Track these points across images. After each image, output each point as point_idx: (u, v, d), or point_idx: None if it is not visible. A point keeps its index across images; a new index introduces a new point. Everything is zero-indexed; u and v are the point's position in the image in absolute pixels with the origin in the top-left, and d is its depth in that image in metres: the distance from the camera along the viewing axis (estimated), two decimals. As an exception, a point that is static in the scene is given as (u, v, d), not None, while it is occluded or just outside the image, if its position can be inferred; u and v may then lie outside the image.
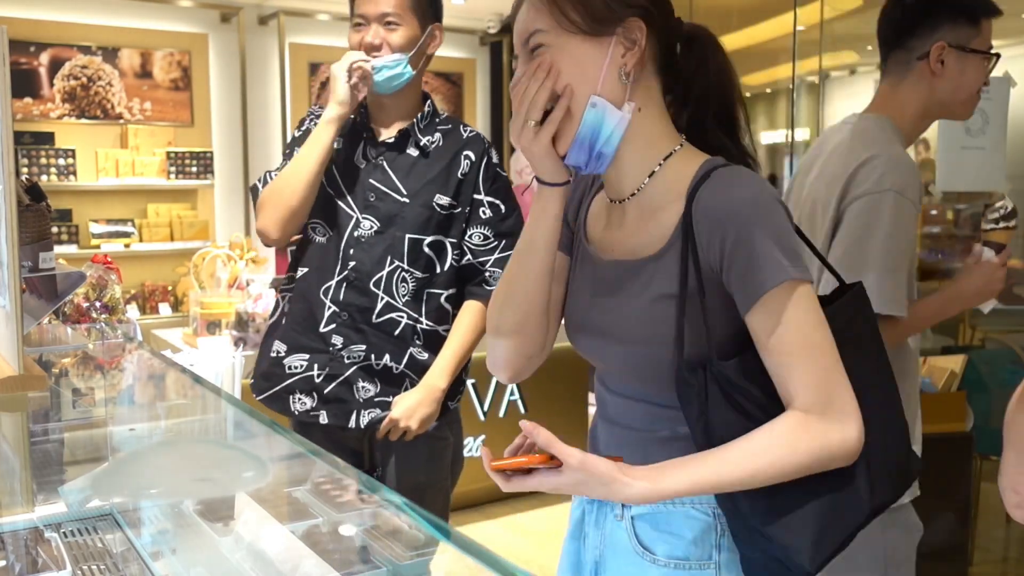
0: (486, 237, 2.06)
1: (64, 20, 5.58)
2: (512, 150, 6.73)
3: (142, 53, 5.85)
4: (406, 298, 2.02)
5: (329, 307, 2.02)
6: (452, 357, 2.03)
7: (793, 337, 1.09)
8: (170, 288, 5.85)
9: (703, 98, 1.24)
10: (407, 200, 2.02)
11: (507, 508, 4.20)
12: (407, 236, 2.01)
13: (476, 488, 4.18)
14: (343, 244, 2.03)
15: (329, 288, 2.03)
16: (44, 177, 5.37)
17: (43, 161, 5.42)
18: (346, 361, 2.02)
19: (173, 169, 5.78)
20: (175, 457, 1.54)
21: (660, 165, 1.20)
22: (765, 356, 1.12)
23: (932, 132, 3.92)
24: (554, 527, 4.03)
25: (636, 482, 1.09)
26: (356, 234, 2.02)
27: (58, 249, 4.74)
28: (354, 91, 1.99)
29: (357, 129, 2.08)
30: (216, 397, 1.85)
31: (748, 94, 2.15)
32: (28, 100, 5.53)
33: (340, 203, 2.05)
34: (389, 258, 2.00)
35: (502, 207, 2.08)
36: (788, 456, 1.09)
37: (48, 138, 5.52)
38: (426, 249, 2.02)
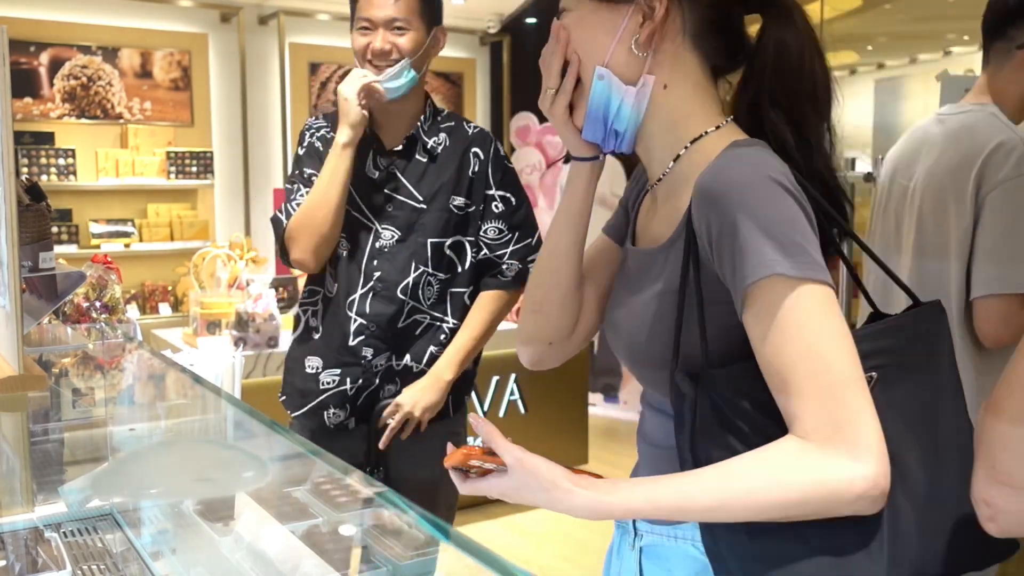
0: (500, 231, 2.08)
1: (64, 20, 5.58)
2: (513, 149, 6.72)
3: (142, 53, 5.84)
4: (431, 300, 2.05)
5: (356, 320, 2.04)
6: (461, 349, 2.05)
7: (791, 346, 0.91)
8: (170, 288, 5.85)
9: (759, 77, 1.08)
10: (424, 206, 2.03)
11: (507, 508, 4.19)
12: (429, 241, 2.02)
13: (476, 488, 4.17)
14: (366, 257, 2.04)
15: (354, 301, 2.04)
16: (44, 177, 5.37)
17: (43, 161, 5.42)
18: (375, 371, 2.05)
19: (173, 169, 5.77)
20: (175, 457, 1.54)
21: (687, 148, 1.08)
22: (762, 368, 0.94)
23: (932, 132, 3.90)
24: (554, 527, 4.02)
25: (581, 492, 0.95)
26: (378, 245, 2.04)
27: (58, 249, 4.74)
28: (363, 110, 1.98)
29: (365, 140, 2.08)
30: (216, 397, 1.85)
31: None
32: (28, 100, 5.53)
33: (358, 216, 2.06)
34: (414, 264, 2.03)
35: (513, 199, 2.09)
36: (771, 488, 0.89)
37: (48, 138, 5.52)
38: (447, 251, 2.05)
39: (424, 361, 2.05)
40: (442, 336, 2.06)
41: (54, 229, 5.01)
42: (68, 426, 1.73)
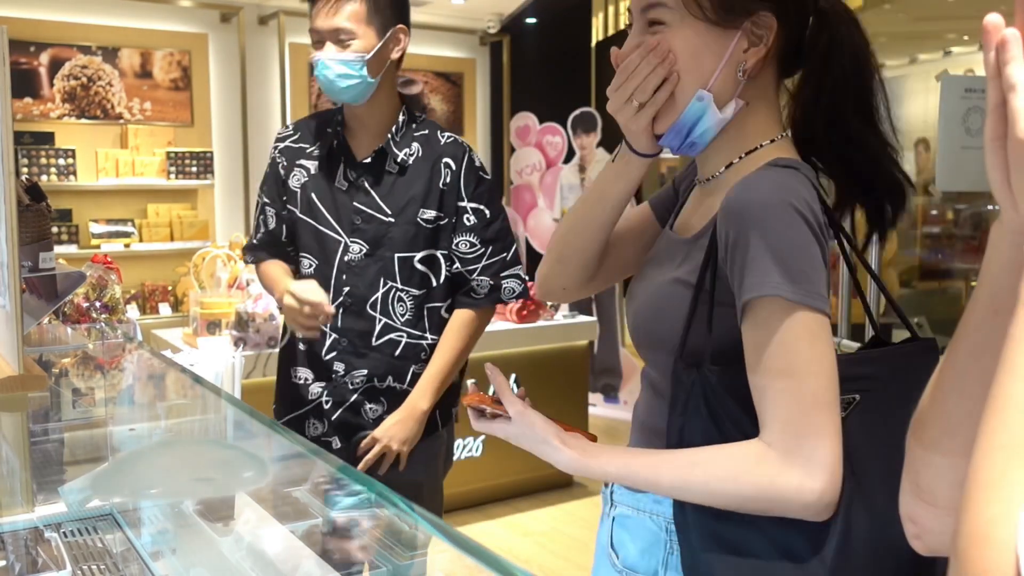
0: (472, 245, 2.03)
1: (64, 20, 5.58)
2: (512, 150, 6.72)
3: (142, 53, 5.84)
4: (405, 317, 2.01)
5: (329, 335, 2.02)
6: (436, 376, 2.01)
7: (775, 362, 0.99)
8: (170, 288, 5.85)
9: (841, 85, 1.11)
10: (392, 220, 1.99)
11: (507, 508, 4.20)
12: (396, 256, 1.98)
13: (476, 488, 4.18)
14: (334, 271, 2.01)
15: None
16: (44, 177, 5.37)
17: (43, 161, 5.42)
18: (350, 387, 2.03)
19: (173, 169, 5.77)
20: (175, 457, 1.54)
21: (741, 158, 1.13)
22: (748, 375, 1.03)
23: (932, 132, 3.90)
24: (554, 527, 4.03)
25: (566, 450, 1.07)
26: (346, 259, 2.00)
27: (58, 249, 4.74)
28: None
29: (335, 152, 2.04)
30: (216, 397, 1.85)
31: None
32: (28, 100, 5.53)
33: (326, 230, 2.02)
34: (382, 279, 1.99)
35: (486, 212, 2.04)
36: (727, 481, 1.00)
37: (48, 138, 5.51)
38: (418, 265, 2.00)
39: (407, 381, 2.02)
40: (422, 354, 2.03)
41: (54, 229, 5.00)
42: (68, 426, 1.73)
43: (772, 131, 1.14)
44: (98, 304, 2.38)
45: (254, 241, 2.16)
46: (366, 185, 2.02)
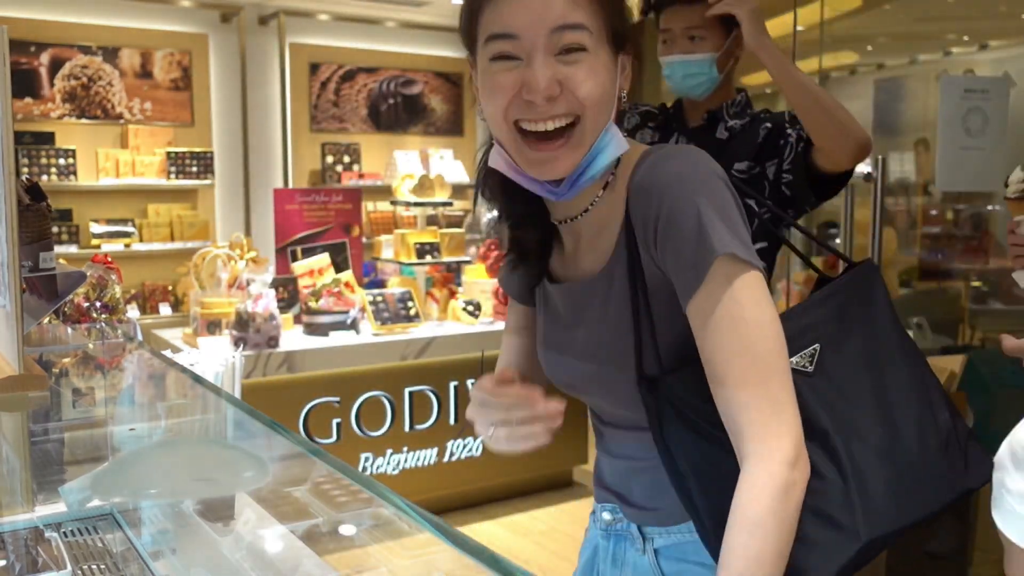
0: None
1: (64, 20, 5.58)
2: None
3: (142, 53, 5.85)
4: None
5: None
6: None
7: (732, 335, 0.96)
8: (170, 288, 5.85)
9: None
10: None
11: (507, 508, 4.20)
12: None
13: (475, 488, 4.18)
14: None
15: None
16: (44, 177, 5.37)
17: (43, 161, 5.42)
18: None
19: (173, 169, 5.78)
20: (175, 457, 1.54)
21: (613, 174, 1.09)
22: (703, 350, 0.99)
23: (932, 132, 3.91)
24: (554, 527, 4.03)
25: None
26: None
27: (58, 249, 4.74)
28: None
29: (669, 123, 2.10)
30: (216, 397, 1.85)
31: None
32: (28, 100, 5.53)
33: None
34: None
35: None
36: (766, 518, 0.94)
37: (48, 138, 5.52)
38: None
39: None
40: None
41: (54, 229, 5.01)
42: (68, 426, 1.73)
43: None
44: (98, 304, 2.38)
45: None
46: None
